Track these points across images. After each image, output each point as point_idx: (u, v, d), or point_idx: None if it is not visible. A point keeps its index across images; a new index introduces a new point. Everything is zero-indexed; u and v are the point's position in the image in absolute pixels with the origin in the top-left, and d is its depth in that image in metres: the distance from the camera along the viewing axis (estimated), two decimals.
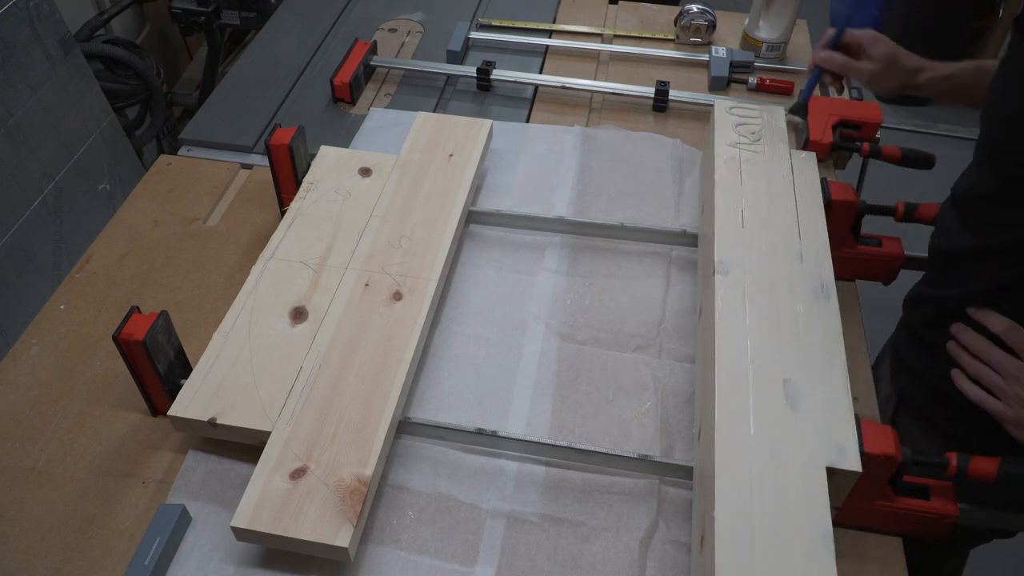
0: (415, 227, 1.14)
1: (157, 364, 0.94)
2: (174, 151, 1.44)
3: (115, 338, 0.92)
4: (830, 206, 1.09)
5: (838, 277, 1.18)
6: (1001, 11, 3.06)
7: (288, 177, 1.21)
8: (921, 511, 0.87)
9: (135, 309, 0.95)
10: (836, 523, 0.80)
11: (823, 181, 1.11)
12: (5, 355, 1.09)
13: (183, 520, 0.89)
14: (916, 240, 1.19)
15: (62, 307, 1.15)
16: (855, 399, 1.04)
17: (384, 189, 1.19)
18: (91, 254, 1.23)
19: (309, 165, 1.23)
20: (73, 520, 0.91)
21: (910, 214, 1.13)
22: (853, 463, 0.78)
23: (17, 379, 1.06)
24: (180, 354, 0.99)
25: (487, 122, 1.31)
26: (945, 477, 0.85)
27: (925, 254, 1.15)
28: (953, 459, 0.83)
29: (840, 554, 0.89)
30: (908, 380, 1.05)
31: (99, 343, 1.09)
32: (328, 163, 1.24)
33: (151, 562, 0.84)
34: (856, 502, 0.86)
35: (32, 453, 0.98)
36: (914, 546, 0.90)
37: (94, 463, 0.97)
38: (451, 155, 1.25)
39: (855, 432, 0.80)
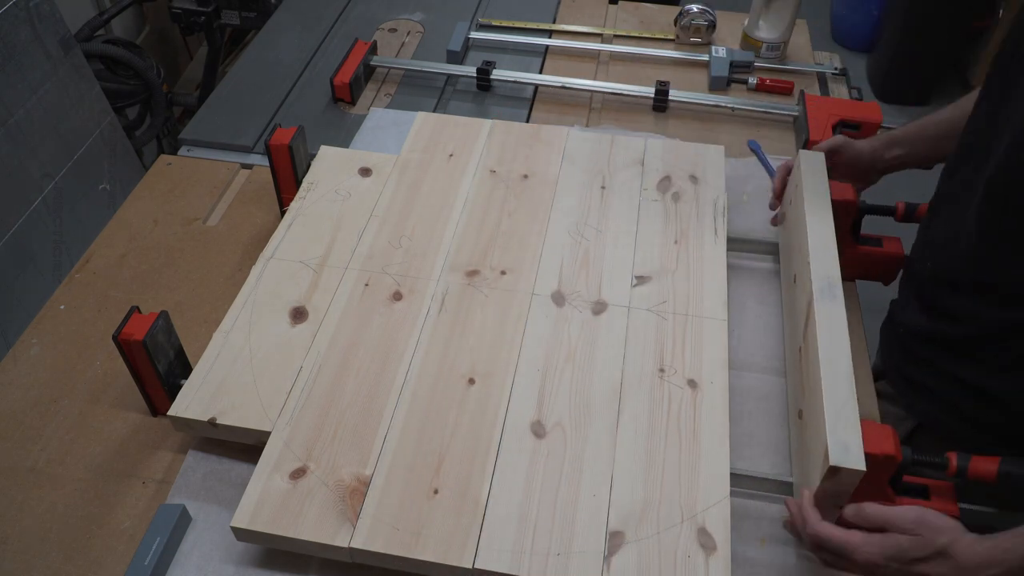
0: (415, 227, 1.14)
1: (157, 364, 0.94)
2: (174, 151, 1.44)
3: (115, 338, 0.92)
4: None
5: None
6: (1001, 11, 3.05)
7: (288, 177, 1.21)
8: None
9: (135, 309, 0.95)
10: (838, 524, 0.80)
11: None
12: (5, 355, 1.09)
13: (183, 520, 0.89)
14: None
15: (62, 307, 1.15)
16: None
17: (384, 189, 1.19)
18: (91, 254, 1.22)
19: (309, 165, 1.23)
20: (73, 520, 0.91)
21: (910, 214, 1.13)
22: (857, 462, 0.78)
23: (17, 379, 1.05)
24: (180, 354, 0.99)
25: (487, 122, 1.31)
26: (945, 477, 0.85)
27: None
28: (953, 459, 0.83)
29: None
30: (931, 406, 1.01)
31: (99, 343, 1.09)
32: (328, 163, 1.24)
33: (151, 562, 0.84)
34: (857, 502, 0.86)
35: (32, 453, 0.98)
36: None
37: (94, 463, 0.97)
38: (451, 155, 1.25)
39: (858, 431, 0.80)
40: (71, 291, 1.17)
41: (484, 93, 1.55)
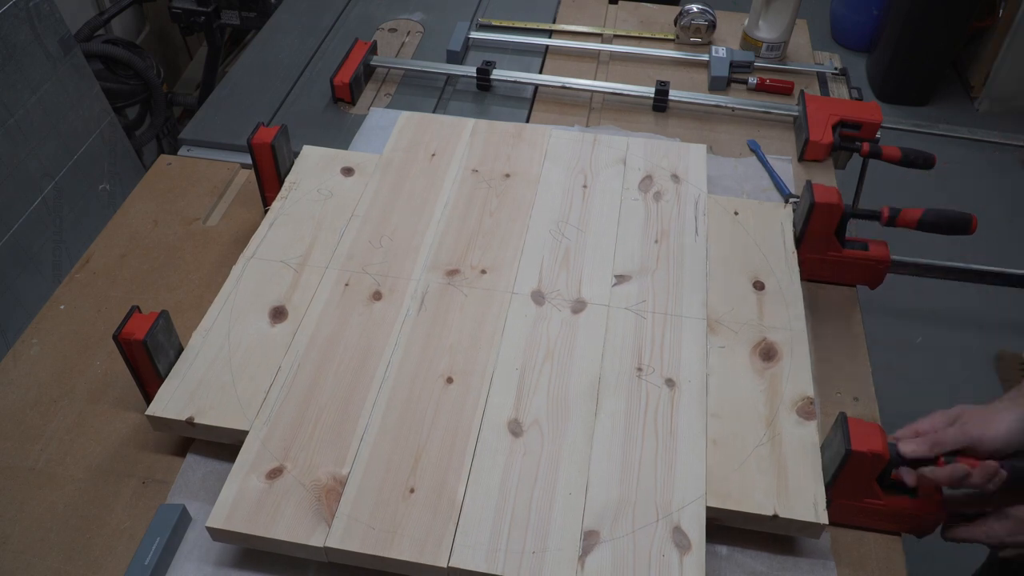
0: (396, 227, 1.14)
1: (157, 364, 0.94)
2: (174, 151, 1.44)
3: (115, 338, 0.92)
4: (813, 209, 1.08)
5: (824, 281, 1.18)
6: (1001, 11, 3.06)
7: (271, 176, 1.21)
8: (909, 509, 0.87)
9: (135, 309, 0.95)
10: (830, 522, 0.80)
11: (807, 184, 1.10)
12: (5, 355, 1.09)
13: (183, 520, 0.89)
14: (902, 244, 1.17)
15: (62, 307, 1.15)
16: (855, 399, 1.04)
17: (366, 189, 1.19)
18: (91, 254, 1.23)
19: (292, 164, 1.23)
20: (73, 520, 0.91)
21: (894, 218, 1.11)
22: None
23: (17, 379, 1.06)
24: (180, 354, 0.99)
25: (470, 121, 1.31)
26: None
27: (910, 258, 1.12)
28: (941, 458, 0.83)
29: (840, 555, 0.89)
30: None
31: (99, 343, 1.09)
32: (311, 163, 1.24)
33: (151, 562, 0.84)
34: (845, 500, 0.86)
35: (32, 453, 0.98)
36: None
37: (94, 463, 0.97)
38: (433, 155, 1.25)
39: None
40: (71, 291, 1.17)
41: (484, 93, 1.55)
